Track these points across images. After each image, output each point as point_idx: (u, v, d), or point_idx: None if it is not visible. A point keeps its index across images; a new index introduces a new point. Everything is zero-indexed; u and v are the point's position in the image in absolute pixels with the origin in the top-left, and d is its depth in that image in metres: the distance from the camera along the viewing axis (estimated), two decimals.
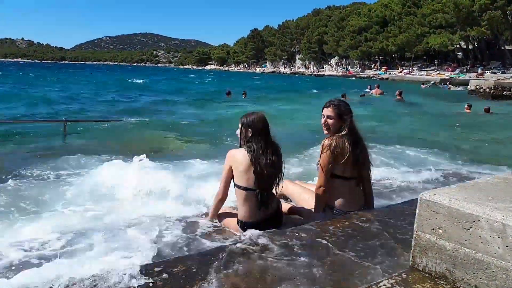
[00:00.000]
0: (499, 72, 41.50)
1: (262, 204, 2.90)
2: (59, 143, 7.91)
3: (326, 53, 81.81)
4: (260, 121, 2.96)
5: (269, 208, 2.94)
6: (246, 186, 2.89)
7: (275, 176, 2.98)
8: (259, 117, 2.98)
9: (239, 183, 2.92)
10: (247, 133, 2.94)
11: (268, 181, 2.93)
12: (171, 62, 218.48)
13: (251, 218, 2.92)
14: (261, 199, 2.88)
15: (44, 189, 4.31)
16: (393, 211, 3.13)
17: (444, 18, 49.31)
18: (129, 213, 3.47)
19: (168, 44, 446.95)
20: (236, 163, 2.93)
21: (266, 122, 2.99)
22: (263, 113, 3.07)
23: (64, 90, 23.98)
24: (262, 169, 2.87)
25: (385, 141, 7.83)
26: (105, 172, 4.45)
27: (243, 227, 2.93)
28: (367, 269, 2.01)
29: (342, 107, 3.04)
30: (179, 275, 1.94)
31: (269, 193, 2.96)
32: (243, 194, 2.91)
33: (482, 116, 14.25)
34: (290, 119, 12.43)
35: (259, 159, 2.88)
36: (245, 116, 3.02)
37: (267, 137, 2.96)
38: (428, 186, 4.42)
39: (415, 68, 55.98)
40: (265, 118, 3.01)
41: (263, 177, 2.88)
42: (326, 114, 3.03)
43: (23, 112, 13.01)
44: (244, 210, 2.94)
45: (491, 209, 1.67)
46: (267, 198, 2.93)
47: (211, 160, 5.68)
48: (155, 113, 13.76)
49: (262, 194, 2.89)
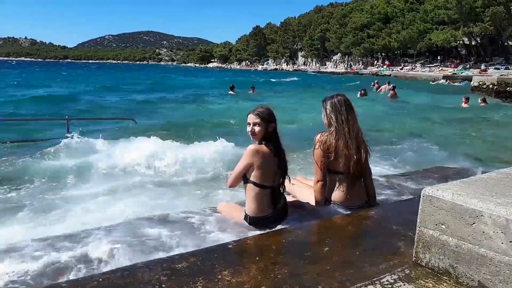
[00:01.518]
0: (502, 68, 41.17)
1: (274, 202, 2.94)
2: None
3: (329, 50, 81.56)
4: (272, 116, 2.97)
5: (278, 205, 2.97)
6: (262, 183, 2.90)
7: (284, 174, 3.02)
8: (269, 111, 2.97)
9: (256, 180, 2.90)
10: (269, 129, 2.92)
11: (280, 179, 2.98)
12: (173, 60, 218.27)
13: (260, 214, 2.93)
14: (274, 196, 2.93)
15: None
16: (395, 207, 3.13)
17: (447, 14, 48.98)
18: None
19: (171, 42, 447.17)
20: (258, 161, 2.88)
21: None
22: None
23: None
24: (278, 167, 2.93)
25: (385, 137, 7.82)
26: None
27: (251, 222, 2.95)
28: (369, 264, 2.01)
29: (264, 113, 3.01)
30: (182, 271, 1.94)
31: (279, 189, 3.00)
32: (257, 190, 2.91)
33: (480, 110, 14.27)
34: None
35: (279, 156, 2.92)
36: (265, 111, 2.95)
37: (277, 136, 2.99)
38: (431, 181, 4.40)
39: (418, 65, 55.71)
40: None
41: (277, 175, 2.94)
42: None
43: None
44: (255, 206, 2.93)
45: (495, 204, 1.67)
46: (279, 195, 2.98)
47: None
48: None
49: (275, 191, 2.94)
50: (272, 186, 2.93)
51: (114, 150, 5.81)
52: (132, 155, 5.38)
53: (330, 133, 3.00)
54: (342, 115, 2.98)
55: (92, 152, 5.93)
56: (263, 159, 2.87)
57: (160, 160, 5.25)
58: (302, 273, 1.93)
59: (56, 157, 5.79)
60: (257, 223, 2.94)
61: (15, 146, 6.90)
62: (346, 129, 2.95)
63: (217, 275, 1.90)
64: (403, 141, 7.70)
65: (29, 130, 9.20)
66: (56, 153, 5.88)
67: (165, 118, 12.09)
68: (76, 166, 5.30)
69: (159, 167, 5.16)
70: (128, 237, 2.80)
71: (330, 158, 2.96)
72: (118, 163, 5.28)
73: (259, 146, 2.92)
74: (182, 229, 2.98)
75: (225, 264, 2.01)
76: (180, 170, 5.08)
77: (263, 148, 2.91)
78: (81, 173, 5.08)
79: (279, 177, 2.98)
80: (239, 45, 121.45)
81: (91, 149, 6.05)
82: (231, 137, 6.38)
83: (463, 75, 37.83)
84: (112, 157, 5.51)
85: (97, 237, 2.80)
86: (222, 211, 3.26)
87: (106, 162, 5.31)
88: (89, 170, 5.12)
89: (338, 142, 2.95)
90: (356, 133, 3.01)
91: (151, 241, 2.78)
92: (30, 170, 5.23)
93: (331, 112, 3.01)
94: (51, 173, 5.11)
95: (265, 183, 2.91)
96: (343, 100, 3.05)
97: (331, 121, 3.02)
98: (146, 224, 3.04)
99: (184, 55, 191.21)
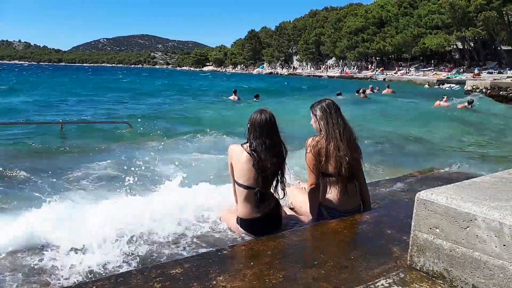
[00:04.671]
0: (495, 72, 41.54)
1: (260, 203, 2.88)
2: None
3: (323, 54, 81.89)
4: (263, 118, 2.90)
5: (266, 206, 2.92)
6: (244, 183, 2.88)
7: (273, 176, 2.94)
8: (264, 114, 2.93)
9: (238, 180, 2.91)
10: (250, 129, 2.92)
11: (266, 180, 2.90)
12: (168, 63, 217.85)
13: (249, 216, 2.92)
14: (260, 198, 2.86)
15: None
16: (390, 211, 3.14)
17: (440, 19, 49.35)
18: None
19: (166, 45, 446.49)
20: (234, 159, 2.92)
21: (271, 120, 2.92)
22: (270, 111, 3.01)
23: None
24: (260, 167, 2.84)
25: (376, 140, 7.84)
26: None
27: (242, 225, 2.95)
28: (364, 268, 2.01)
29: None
30: (177, 277, 1.93)
31: (267, 192, 2.94)
32: (239, 190, 2.91)
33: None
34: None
35: (259, 156, 2.84)
36: (253, 113, 2.99)
37: (271, 136, 2.90)
38: (425, 185, 4.42)
39: (412, 69, 56.05)
40: (270, 116, 2.94)
41: (262, 176, 2.85)
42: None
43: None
44: (243, 207, 2.93)
45: (488, 208, 1.68)
46: (265, 197, 2.91)
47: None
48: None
49: (260, 193, 2.86)
50: (254, 188, 2.87)
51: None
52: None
53: (321, 137, 3.01)
54: (332, 119, 3.01)
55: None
56: (237, 158, 2.90)
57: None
58: (297, 278, 1.92)
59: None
60: (246, 226, 2.94)
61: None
62: (337, 132, 2.97)
63: (211, 281, 1.89)
64: (397, 143, 7.74)
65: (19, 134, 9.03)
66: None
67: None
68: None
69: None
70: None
71: (321, 162, 2.96)
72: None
73: (235, 145, 2.98)
74: (175, 237, 2.97)
75: (219, 270, 2.00)
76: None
77: (238, 148, 2.94)
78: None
79: (267, 179, 2.89)
80: (234, 49, 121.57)
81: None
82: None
83: (457, 79, 38.16)
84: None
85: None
86: (222, 217, 3.26)
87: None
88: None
89: (329, 146, 2.96)
90: (348, 136, 3.02)
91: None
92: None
93: (321, 117, 3.03)
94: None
95: (246, 183, 2.87)
96: (331, 103, 3.08)
97: (321, 125, 3.04)
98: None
99: (179, 59, 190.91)
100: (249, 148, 2.88)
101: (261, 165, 2.84)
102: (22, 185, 4.86)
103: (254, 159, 2.84)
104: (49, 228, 2.88)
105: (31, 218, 3.00)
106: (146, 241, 2.89)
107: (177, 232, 3.05)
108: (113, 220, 3.03)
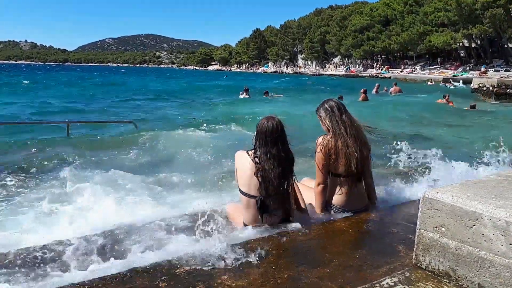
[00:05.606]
0: (502, 70, 41.20)
1: (263, 212, 2.78)
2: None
3: (329, 53, 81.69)
4: (270, 126, 2.78)
5: (272, 215, 2.81)
6: (246, 191, 2.81)
7: (279, 186, 2.78)
8: (271, 121, 2.81)
9: (241, 187, 2.85)
10: (257, 137, 2.83)
11: (269, 190, 2.76)
12: (173, 63, 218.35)
13: (252, 223, 2.85)
14: (261, 206, 2.76)
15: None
16: (395, 210, 3.13)
17: (447, 16, 49.02)
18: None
19: (171, 45, 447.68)
20: (239, 166, 2.88)
21: (277, 127, 2.80)
22: (278, 118, 2.88)
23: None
24: (263, 177, 2.74)
25: (383, 139, 7.79)
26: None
27: None
28: (370, 267, 2.00)
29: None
30: (182, 276, 1.94)
31: (273, 201, 2.78)
32: (244, 199, 2.85)
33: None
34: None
35: (262, 166, 2.74)
36: (261, 119, 2.88)
37: (278, 144, 2.78)
38: (430, 184, 4.39)
39: (418, 67, 55.74)
40: (278, 123, 2.81)
41: (264, 185, 2.74)
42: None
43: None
44: (247, 215, 2.88)
45: (494, 207, 1.67)
46: (270, 206, 2.78)
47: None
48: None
49: (262, 202, 2.75)
50: (256, 196, 2.76)
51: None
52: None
53: (331, 136, 3.03)
54: (335, 116, 3.04)
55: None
56: (241, 165, 2.85)
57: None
58: (303, 277, 1.92)
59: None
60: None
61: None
62: (343, 128, 2.99)
63: (216, 280, 1.89)
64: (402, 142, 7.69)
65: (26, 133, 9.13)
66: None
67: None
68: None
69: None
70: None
71: (331, 160, 2.98)
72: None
73: (241, 152, 2.91)
74: (181, 234, 2.97)
75: (224, 269, 2.01)
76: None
77: (243, 154, 2.87)
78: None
79: (270, 189, 2.74)
80: (239, 47, 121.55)
81: None
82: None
83: (463, 77, 37.89)
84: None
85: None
86: (228, 213, 3.24)
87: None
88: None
89: (338, 143, 2.98)
90: (356, 131, 3.04)
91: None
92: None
93: (325, 117, 3.07)
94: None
95: (248, 191, 2.78)
96: (333, 103, 3.13)
97: (327, 125, 3.07)
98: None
99: (184, 58, 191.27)
100: (253, 155, 2.81)
101: (264, 174, 2.74)
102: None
103: (257, 168, 2.76)
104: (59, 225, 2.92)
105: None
106: (150, 239, 2.89)
107: (182, 227, 3.06)
108: (115, 218, 3.06)
